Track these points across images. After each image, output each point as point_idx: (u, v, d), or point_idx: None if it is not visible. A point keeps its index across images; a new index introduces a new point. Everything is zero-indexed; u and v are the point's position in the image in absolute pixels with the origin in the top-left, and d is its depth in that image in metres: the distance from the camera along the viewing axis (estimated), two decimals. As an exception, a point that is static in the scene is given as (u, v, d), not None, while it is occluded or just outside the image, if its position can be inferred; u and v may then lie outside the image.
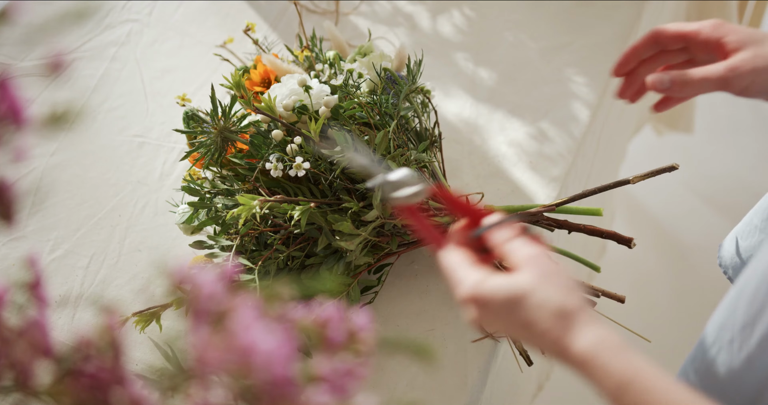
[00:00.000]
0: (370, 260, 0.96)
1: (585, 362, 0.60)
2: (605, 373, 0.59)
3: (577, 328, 0.61)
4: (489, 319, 0.66)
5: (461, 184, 1.15)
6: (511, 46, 1.33)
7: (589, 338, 0.60)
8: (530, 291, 0.62)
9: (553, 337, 0.61)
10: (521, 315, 0.63)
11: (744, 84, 0.73)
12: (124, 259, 1.11)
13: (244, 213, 0.86)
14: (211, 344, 0.35)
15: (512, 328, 0.65)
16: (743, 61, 0.73)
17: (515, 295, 0.63)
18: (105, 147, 1.24)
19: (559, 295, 0.62)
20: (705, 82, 0.73)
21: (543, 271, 0.63)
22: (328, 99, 0.95)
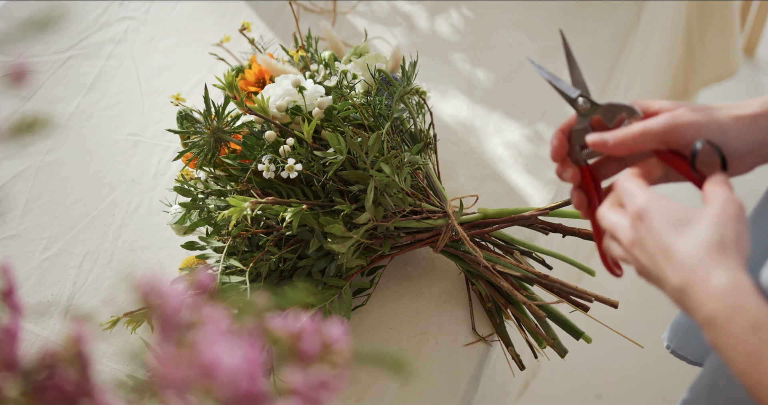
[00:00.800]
0: (363, 263, 0.96)
1: (719, 298, 0.58)
2: (738, 311, 0.57)
3: (723, 266, 0.59)
4: (639, 236, 0.64)
5: (456, 185, 1.14)
6: (508, 47, 1.32)
7: (733, 275, 0.59)
8: (700, 222, 0.61)
9: (693, 267, 0.60)
10: (672, 239, 0.61)
11: (687, 139, 0.69)
12: (117, 259, 1.10)
13: (235, 215, 0.86)
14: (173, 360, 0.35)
15: (653, 252, 0.63)
16: (682, 113, 0.70)
17: (684, 219, 0.62)
18: (100, 145, 1.23)
19: (723, 234, 0.60)
20: (645, 134, 0.70)
21: (725, 213, 0.62)
22: (321, 100, 0.95)
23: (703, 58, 2.00)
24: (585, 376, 1.85)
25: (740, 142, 0.70)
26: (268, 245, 0.95)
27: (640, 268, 0.66)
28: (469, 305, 1.03)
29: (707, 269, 0.59)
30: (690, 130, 0.69)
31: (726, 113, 0.71)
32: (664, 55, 1.84)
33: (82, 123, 1.26)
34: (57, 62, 1.34)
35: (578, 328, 0.98)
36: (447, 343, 1.00)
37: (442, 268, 1.07)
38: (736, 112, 0.71)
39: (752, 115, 0.71)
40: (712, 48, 1.97)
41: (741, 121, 0.71)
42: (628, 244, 0.66)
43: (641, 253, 0.65)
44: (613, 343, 0.89)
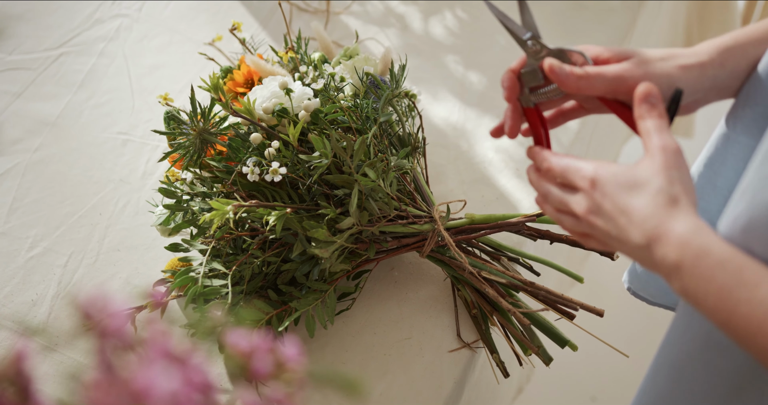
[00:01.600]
0: (347, 267, 0.95)
1: (684, 244, 0.61)
2: (703, 253, 0.60)
3: (680, 216, 0.62)
4: (594, 203, 0.67)
5: (445, 189, 1.14)
6: (502, 50, 1.31)
7: (691, 222, 0.62)
8: (650, 181, 0.64)
9: (654, 223, 0.62)
10: (628, 201, 0.64)
11: (631, 86, 0.71)
12: (102, 259, 1.10)
13: (217, 218, 0.85)
14: (104, 385, 0.34)
15: (612, 214, 0.65)
16: (632, 67, 0.71)
17: (634, 181, 0.65)
18: (89, 144, 1.23)
19: (672, 188, 0.63)
20: (598, 78, 0.71)
21: (668, 165, 0.64)
22: (307, 103, 0.94)
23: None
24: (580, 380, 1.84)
25: (688, 90, 0.73)
26: (252, 248, 0.94)
27: (597, 234, 0.68)
28: (455, 311, 1.02)
29: (667, 222, 0.62)
30: (639, 82, 0.70)
31: (674, 64, 0.72)
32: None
33: (71, 121, 1.25)
34: (49, 59, 1.33)
35: (563, 336, 0.97)
36: (431, 349, 0.99)
37: (429, 272, 1.06)
38: (684, 62, 0.72)
39: (700, 63, 0.73)
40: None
41: (689, 71, 0.72)
42: (584, 213, 0.68)
43: (598, 219, 0.67)
44: (607, 347, 0.89)
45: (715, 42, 0.75)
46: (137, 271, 1.08)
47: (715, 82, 0.75)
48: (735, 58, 0.75)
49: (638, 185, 0.65)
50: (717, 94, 0.77)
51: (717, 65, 0.74)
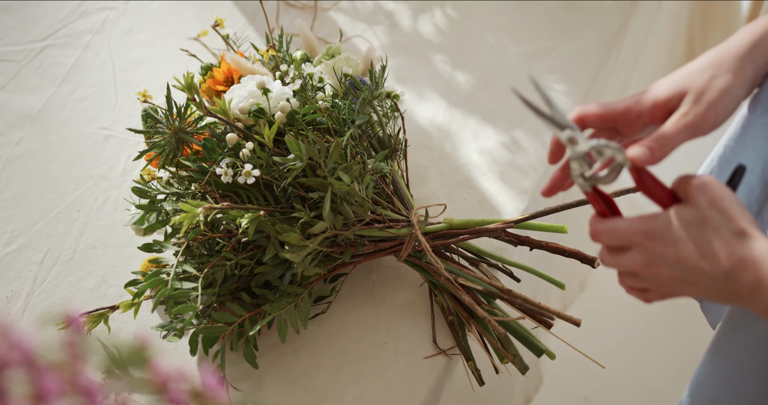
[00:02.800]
0: (321, 271, 0.94)
1: (763, 263, 0.63)
2: None
3: (750, 241, 0.64)
4: (654, 254, 0.67)
5: (427, 192, 1.12)
6: (491, 50, 1.29)
7: (763, 243, 0.64)
8: (705, 215, 0.65)
9: (729, 251, 0.64)
10: (699, 237, 0.65)
11: (710, 122, 0.73)
12: (79, 256, 1.09)
13: (187, 221, 0.83)
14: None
15: (679, 258, 0.66)
16: (695, 105, 0.73)
17: (691, 220, 0.66)
18: (70, 138, 1.21)
19: (732, 216, 0.65)
20: (677, 136, 0.72)
21: (712, 196, 0.66)
22: (283, 104, 0.92)
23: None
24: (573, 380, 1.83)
25: (750, 90, 0.76)
26: (225, 250, 0.93)
27: (662, 284, 0.69)
28: (432, 317, 1.00)
29: (740, 250, 0.64)
30: (711, 114, 0.73)
31: (722, 81, 0.74)
32: (663, 57, 1.80)
33: (53, 115, 1.24)
34: (33, 51, 1.32)
35: (539, 346, 0.96)
36: (407, 355, 0.98)
37: (408, 276, 1.05)
38: (722, 85, 0.74)
39: (747, 68, 0.75)
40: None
41: (741, 81, 0.75)
42: (643, 266, 0.68)
43: (662, 268, 0.67)
44: (601, 347, 0.87)
45: (743, 40, 0.76)
46: (113, 269, 1.07)
47: (764, 68, 0.76)
48: (761, 51, 0.76)
49: (699, 224, 0.66)
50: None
51: (765, 52, 0.76)
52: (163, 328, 0.95)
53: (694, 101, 0.73)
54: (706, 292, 0.67)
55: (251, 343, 0.94)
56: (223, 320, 0.93)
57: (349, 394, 0.94)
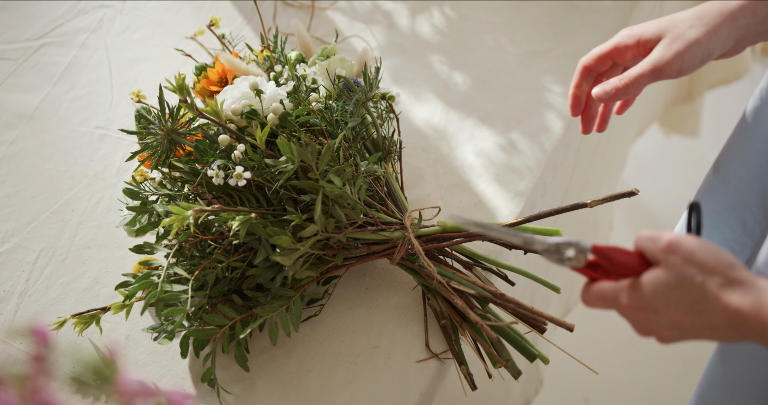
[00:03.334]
0: (313, 274, 0.93)
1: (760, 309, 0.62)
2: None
3: (742, 286, 0.63)
4: (654, 321, 0.67)
5: (422, 194, 1.11)
6: (489, 50, 1.28)
7: (755, 290, 0.63)
8: (683, 274, 0.64)
9: (722, 306, 0.63)
10: (686, 297, 0.64)
11: (675, 68, 0.80)
12: (72, 256, 1.08)
13: (176, 223, 0.83)
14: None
15: (679, 317, 0.65)
16: (664, 49, 0.81)
17: (672, 283, 0.65)
18: (65, 138, 1.21)
19: (712, 268, 0.64)
20: (641, 78, 0.81)
21: (684, 254, 0.64)
22: (275, 106, 0.92)
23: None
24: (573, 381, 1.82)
25: (722, 43, 0.80)
26: (216, 253, 0.93)
27: (671, 339, 0.68)
28: (425, 320, 1.00)
29: (739, 299, 0.63)
30: (676, 62, 0.80)
31: (702, 30, 0.79)
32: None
33: (49, 114, 1.24)
34: (30, 50, 1.31)
35: (532, 351, 0.95)
36: (399, 359, 0.97)
37: (401, 279, 1.04)
38: (694, 36, 0.80)
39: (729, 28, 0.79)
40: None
41: (718, 31, 0.79)
42: (642, 332, 0.69)
43: (663, 331, 0.67)
44: (601, 348, 0.86)
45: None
46: (107, 270, 1.07)
47: (749, 30, 0.80)
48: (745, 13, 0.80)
49: (681, 285, 0.64)
50: (759, 37, 0.82)
51: (749, 14, 0.79)
52: (154, 330, 0.94)
53: (665, 46, 0.80)
54: (716, 339, 0.66)
55: (242, 345, 0.94)
56: (214, 323, 0.92)
57: (341, 398, 0.94)
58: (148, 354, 0.99)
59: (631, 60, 0.87)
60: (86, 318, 0.99)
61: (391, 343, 0.99)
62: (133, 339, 1.00)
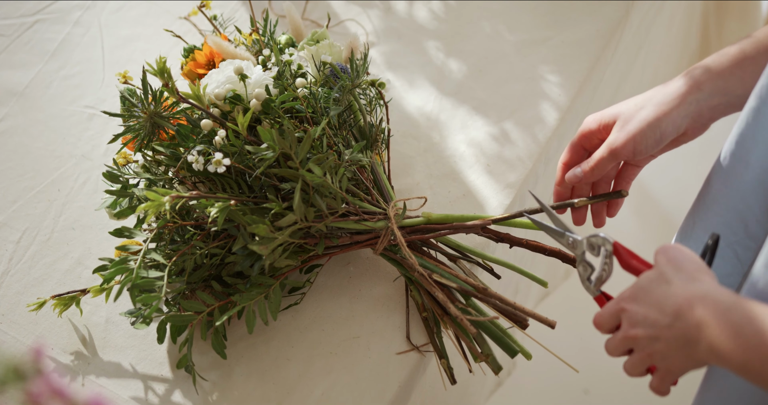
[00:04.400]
0: (293, 263, 0.92)
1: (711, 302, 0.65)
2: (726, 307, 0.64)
3: (702, 281, 0.67)
4: (636, 314, 0.70)
5: (411, 183, 1.10)
6: (486, 38, 1.26)
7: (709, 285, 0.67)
8: (662, 271, 0.69)
9: (677, 294, 0.67)
10: (657, 291, 0.69)
11: (629, 150, 0.83)
12: (56, 237, 1.08)
13: (152, 210, 0.82)
14: None
15: (646, 310, 0.70)
16: (618, 132, 0.83)
17: (653, 277, 0.70)
18: (54, 116, 1.20)
19: (684, 268, 0.68)
20: (601, 161, 0.85)
21: (670, 255, 0.70)
22: (258, 92, 0.90)
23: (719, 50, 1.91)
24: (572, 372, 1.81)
25: (672, 127, 0.82)
26: (195, 239, 0.91)
27: (644, 347, 0.71)
28: (407, 312, 0.99)
29: (693, 289, 0.67)
30: (629, 145, 0.83)
31: (653, 110, 0.82)
32: (675, 48, 1.76)
33: (39, 92, 1.23)
34: (23, 26, 1.30)
35: (513, 346, 0.94)
36: (379, 350, 0.96)
37: (385, 269, 1.03)
38: (645, 117, 0.82)
39: (677, 106, 0.81)
40: (730, 41, 1.88)
41: (670, 110, 0.81)
42: (628, 330, 0.72)
43: (639, 329, 0.71)
44: (601, 339, 0.85)
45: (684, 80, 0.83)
46: (90, 251, 1.06)
47: (699, 105, 0.81)
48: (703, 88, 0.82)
49: (657, 280, 0.69)
50: (715, 111, 0.83)
51: (694, 90, 0.81)
52: (131, 314, 0.93)
53: (619, 129, 0.84)
54: (670, 347, 0.68)
55: (220, 333, 0.93)
56: (192, 309, 0.91)
57: (319, 388, 0.93)
58: (127, 338, 0.98)
59: (599, 144, 0.89)
60: (66, 300, 0.98)
61: (371, 334, 0.97)
62: (113, 322, 0.99)
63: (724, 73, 0.80)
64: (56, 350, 0.98)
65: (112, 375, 0.95)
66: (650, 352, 0.70)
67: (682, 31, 1.73)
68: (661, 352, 0.69)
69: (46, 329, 0.99)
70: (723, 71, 0.80)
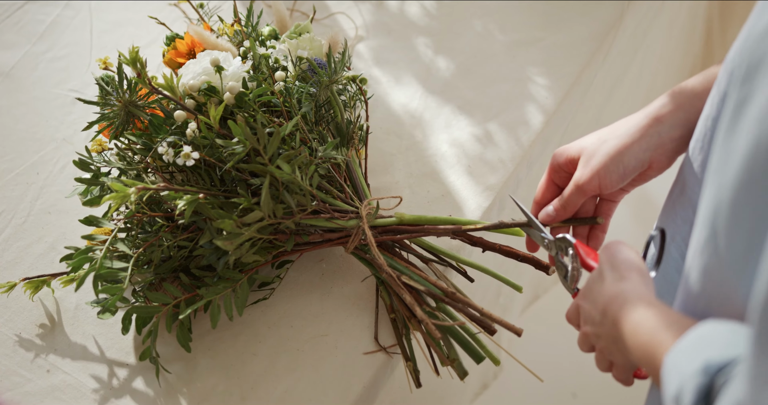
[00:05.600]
0: (261, 258, 0.91)
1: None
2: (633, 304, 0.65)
3: (629, 279, 0.68)
4: (583, 309, 0.73)
5: (391, 181, 1.09)
6: (477, 36, 1.24)
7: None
8: (601, 269, 0.71)
9: (605, 292, 0.68)
10: (594, 287, 0.71)
11: (594, 185, 0.82)
12: (31, 221, 1.07)
13: (117, 201, 0.81)
14: None
15: (588, 307, 0.72)
16: (583, 168, 0.83)
17: (595, 276, 0.72)
18: (39, 99, 1.19)
19: (618, 266, 0.69)
20: (571, 197, 0.85)
21: (609, 253, 0.71)
22: (231, 85, 0.89)
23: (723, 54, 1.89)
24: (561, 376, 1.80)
25: (636, 162, 0.80)
26: (163, 231, 0.91)
27: (592, 342, 0.73)
28: (376, 312, 0.98)
29: (618, 288, 0.68)
30: (594, 180, 0.82)
31: (613, 144, 0.80)
32: (676, 52, 1.73)
33: (25, 73, 1.22)
34: (13, 6, 1.30)
35: (480, 352, 0.93)
36: (346, 349, 0.95)
37: (358, 268, 1.02)
38: (608, 150, 0.80)
39: (639, 139, 0.79)
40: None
41: (629, 151, 0.79)
42: (582, 328, 0.74)
43: (586, 326, 0.72)
44: None
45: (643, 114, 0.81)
46: (64, 236, 1.06)
47: (661, 137, 0.79)
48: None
49: (597, 278, 0.71)
50: (677, 144, 0.80)
51: (654, 122, 0.79)
52: (98, 303, 0.93)
53: (583, 165, 0.83)
54: (607, 343, 0.69)
55: (186, 325, 0.93)
56: (158, 300, 0.91)
57: (282, 384, 0.93)
58: (96, 326, 0.98)
59: (568, 178, 0.88)
60: (36, 283, 0.98)
61: (340, 332, 0.97)
62: (83, 309, 0.99)
63: (684, 105, 0.78)
64: (24, 334, 0.97)
65: (78, 360, 0.94)
66: (599, 347, 0.72)
67: (684, 35, 1.71)
68: (605, 347, 0.70)
69: (16, 313, 0.99)
70: (683, 103, 0.78)
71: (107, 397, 0.91)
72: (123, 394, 0.92)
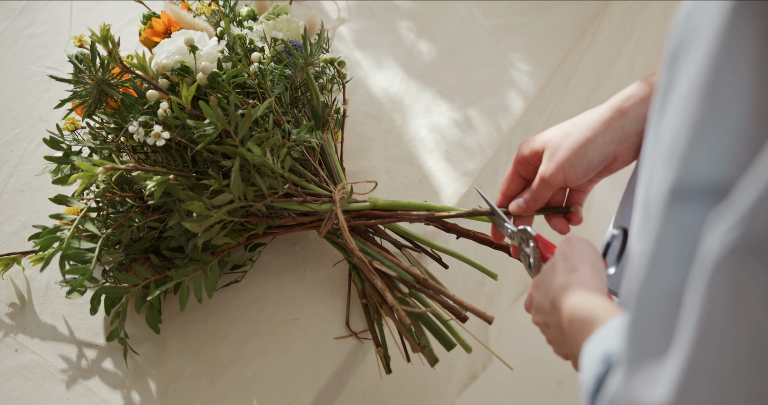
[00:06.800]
0: (231, 241, 0.90)
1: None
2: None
3: (579, 271, 0.68)
4: (535, 300, 0.73)
5: (368, 165, 1.08)
6: (460, 20, 1.23)
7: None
8: (555, 260, 0.71)
9: (556, 284, 0.69)
10: (546, 277, 0.71)
11: (559, 179, 0.80)
12: (5, 199, 1.06)
13: (84, 180, 0.80)
14: None
15: (539, 298, 0.72)
16: (547, 162, 0.81)
17: (548, 266, 0.72)
18: (15, 76, 1.18)
19: (570, 258, 0.70)
20: (539, 190, 0.83)
21: (566, 246, 0.71)
22: (204, 65, 0.88)
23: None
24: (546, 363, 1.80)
25: (601, 155, 0.78)
26: (132, 212, 0.90)
27: (544, 332, 0.74)
28: (348, 298, 0.97)
29: (568, 280, 0.68)
30: (559, 174, 0.80)
31: (576, 137, 0.79)
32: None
33: (3, 50, 1.21)
34: (-7, -19, 1.28)
35: (450, 339, 0.92)
36: (317, 334, 0.95)
37: (332, 252, 1.01)
38: (570, 144, 0.79)
39: (603, 132, 0.78)
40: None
41: (593, 144, 0.78)
42: (534, 318, 0.75)
43: (537, 315, 0.73)
44: None
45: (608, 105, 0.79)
46: (37, 215, 1.05)
47: (625, 130, 0.77)
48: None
49: (550, 269, 0.71)
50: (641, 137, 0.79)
51: (617, 115, 0.78)
52: (66, 283, 0.92)
53: (547, 158, 0.81)
54: (557, 333, 0.69)
55: (155, 307, 0.92)
56: (127, 281, 0.90)
57: (252, 368, 0.92)
58: (65, 305, 0.97)
59: (534, 171, 0.87)
60: (6, 260, 0.97)
61: (311, 317, 0.96)
62: (53, 289, 0.98)
63: (647, 98, 0.77)
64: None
65: (47, 340, 0.94)
66: (548, 337, 0.72)
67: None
68: (554, 337, 0.70)
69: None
70: (646, 97, 0.77)
71: (75, 378, 0.91)
72: (91, 375, 0.91)
